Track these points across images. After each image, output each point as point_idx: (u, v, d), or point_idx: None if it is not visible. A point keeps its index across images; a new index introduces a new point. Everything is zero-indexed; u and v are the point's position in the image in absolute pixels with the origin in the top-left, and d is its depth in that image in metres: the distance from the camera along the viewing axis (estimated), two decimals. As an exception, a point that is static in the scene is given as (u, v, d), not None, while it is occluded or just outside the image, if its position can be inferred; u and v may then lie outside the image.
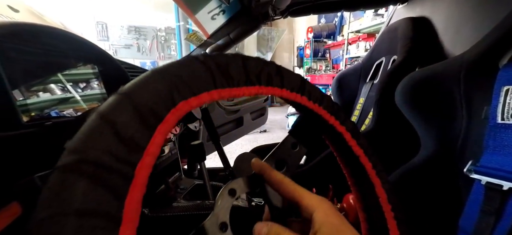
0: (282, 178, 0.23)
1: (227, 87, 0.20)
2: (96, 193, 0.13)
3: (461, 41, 0.65)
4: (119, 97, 0.16)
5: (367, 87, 0.99)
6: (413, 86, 0.53)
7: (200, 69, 0.19)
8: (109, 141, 0.14)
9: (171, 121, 0.17)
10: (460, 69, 0.46)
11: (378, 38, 1.02)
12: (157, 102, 0.16)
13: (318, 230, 0.20)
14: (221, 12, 0.89)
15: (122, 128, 0.15)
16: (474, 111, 0.44)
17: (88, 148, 0.14)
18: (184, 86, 0.18)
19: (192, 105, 0.18)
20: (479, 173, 0.40)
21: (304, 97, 0.24)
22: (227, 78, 0.20)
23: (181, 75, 0.18)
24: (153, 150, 0.16)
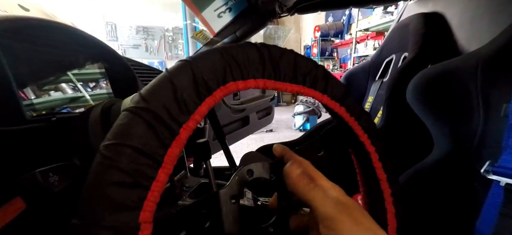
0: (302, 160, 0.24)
1: (273, 79, 0.21)
2: (150, 138, 0.16)
3: (477, 37, 0.62)
4: (183, 63, 0.18)
5: (376, 86, 0.97)
6: (426, 83, 0.51)
7: (255, 56, 0.20)
8: (167, 98, 0.17)
9: (218, 96, 0.19)
10: (477, 65, 0.44)
11: (388, 35, 0.99)
12: (211, 76, 0.18)
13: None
14: (228, 10, 0.89)
15: (179, 90, 0.17)
16: (492, 109, 0.42)
17: (152, 100, 0.17)
18: (237, 68, 0.19)
19: (239, 87, 0.20)
20: (497, 173, 0.38)
21: (342, 108, 0.25)
22: (276, 71, 0.21)
23: (237, 57, 0.19)
24: (197, 117, 0.18)
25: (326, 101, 0.24)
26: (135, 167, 0.15)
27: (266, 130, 3.36)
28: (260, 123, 1.77)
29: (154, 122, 0.16)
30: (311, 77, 0.23)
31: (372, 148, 0.26)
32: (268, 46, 0.21)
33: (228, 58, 0.19)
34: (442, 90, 0.48)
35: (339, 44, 4.59)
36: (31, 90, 0.37)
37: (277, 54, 0.21)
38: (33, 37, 0.28)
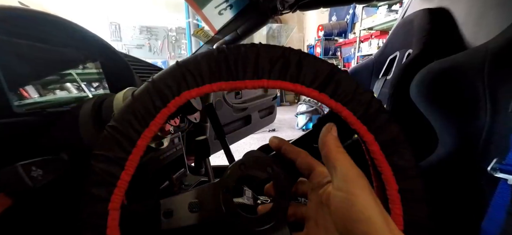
0: (300, 150, 0.25)
1: (231, 80, 0.22)
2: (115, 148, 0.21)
3: (484, 32, 0.60)
4: (146, 82, 0.22)
5: (379, 83, 0.95)
6: (431, 78, 0.49)
7: (210, 62, 0.22)
8: (129, 114, 0.21)
9: (172, 106, 0.22)
10: (484, 59, 0.42)
11: (392, 32, 0.98)
12: (165, 89, 0.21)
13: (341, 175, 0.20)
14: (229, 7, 0.88)
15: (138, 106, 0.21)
16: (500, 105, 0.40)
17: (118, 117, 0.22)
18: (191, 77, 0.21)
19: (192, 95, 0.22)
20: (505, 171, 0.36)
21: (323, 94, 0.22)
22: (233, 71, 0.22)
23: (190, 67, 0.22)
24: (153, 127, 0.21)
25: (300, 90, 0.22)
26: (106, 171, 0.21)
27: (269, 130, 3.35)
28: (262, 122, 1.76)
29: (118, 136, 0.21)
30: (278, 67, 0.22)
31: (370, 136, 0.22)
32: (227, 48, 0.22)
33: (183, 70, 0.22)
34: (448, 86, 0.46)
35: (343, 44, 4.55)
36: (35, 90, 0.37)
37: (234, 54, 0.22)
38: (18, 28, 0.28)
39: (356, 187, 0.19)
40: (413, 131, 0.70)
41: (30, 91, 0.36)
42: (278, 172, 0.25)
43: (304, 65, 0.22)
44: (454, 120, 0.46)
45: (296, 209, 0.26)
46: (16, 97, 0.28)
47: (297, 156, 0.25)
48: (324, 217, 0.22)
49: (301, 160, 0.25)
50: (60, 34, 0.32)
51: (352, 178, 0.20)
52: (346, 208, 0.19)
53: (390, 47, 0.96)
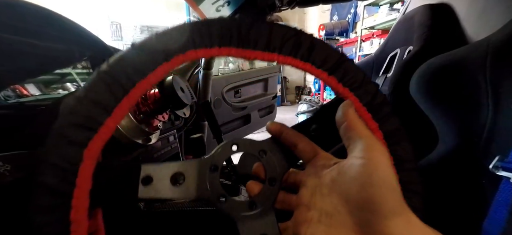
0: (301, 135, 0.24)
1: (241, 47, 0.21)
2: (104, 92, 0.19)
3: (487, 27, 0.59)
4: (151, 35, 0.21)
5: (380, 81, 0.94)
6: (431, 74, 0.48)
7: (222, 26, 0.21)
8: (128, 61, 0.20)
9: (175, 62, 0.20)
10: (486, 53, 0.41)
11: (393, 29, 0.96)
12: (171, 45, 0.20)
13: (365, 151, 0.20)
14: (226, 4, 0.87)
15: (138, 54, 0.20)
16: (502, 101, 0.39)
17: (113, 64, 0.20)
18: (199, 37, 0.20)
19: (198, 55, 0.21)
20: (507, 169, 0.35)
21: (332, 77, 0.22)
22: (244, 40, 0.21)
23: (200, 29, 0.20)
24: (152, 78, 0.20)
25: (309, 69, 0.22)
26: (88, 114, 0.19)
27: (270, 129, 3.33)
28: (262, 121, 1.75)
29: (110, 81, 0.19)
30: (290, 44, 0.21)
31: (374, 124, 0.22)
32: (240, 17, 0.21)
33: (192, 28, 0.20)
34: (448, 82, 0.45)
35: (344, 43, 4.53)
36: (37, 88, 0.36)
37: (248, 23, 0.21)
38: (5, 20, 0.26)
39: (380, 155, 0.20)
40: (414, 128, 0.68)
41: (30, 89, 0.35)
42: (271, 157, 0.24)
43: (316, 47, 0.22)
44: (455, 117, 0.45)
45: (285, 197, 0.25)
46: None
47: (300, 141, 0.24)
48: (322, 199, 0.22)
49: (305, 144, 0.24)
50: (49, 28, 0.31)
51: (375, 147, 0.20)
52: (367, 174, 0.19)
53: (391, 44, 0.94)
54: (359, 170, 0.19)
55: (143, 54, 0.20)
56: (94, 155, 0.19)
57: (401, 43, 0.88)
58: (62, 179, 0.18)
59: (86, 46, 0.34)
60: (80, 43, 0.33)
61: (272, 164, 0.25)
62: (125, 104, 0.20)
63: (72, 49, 0.33)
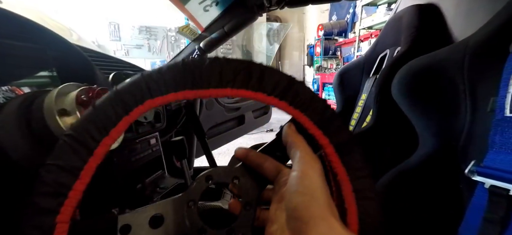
0: (266, 155, 0.26)
1: (195, 89, 0.22)
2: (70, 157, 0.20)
3: (473, 27, 0.57)
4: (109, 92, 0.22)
5: (370, 82, 0.93)
6: (412, 76, 0.47)
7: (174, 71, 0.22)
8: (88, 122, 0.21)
9: (135, 114, 0.22)
10: (464, 55, 0.40)
11: (383, 30, 0.95)
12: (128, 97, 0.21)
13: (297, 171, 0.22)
14: (214, 3, 0.86)
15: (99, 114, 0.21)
16: (479, 103, 0.38)
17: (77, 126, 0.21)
18: (155, 86, 0.22)
19: (156, 103, 0.22)
20: (482, 174, 0.34)
21: (283, 102, 0.23)
22: (197, 80, 0.22)
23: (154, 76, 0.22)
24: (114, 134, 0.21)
25: (262, 98, 0.23)
26: (57, 181, 0.20)
27: (266, 130, 3.32)
28: (257, 122, 1.74)
29: (75, 144, 0.20)
30: (242, 77, 0.23)
31: (325, 139, 0.23)
32: (192, 60, 0.23)
33: (146, 80, 0.22)
34: (428, 84, 0.44)
35: (343, 43, 4.52)
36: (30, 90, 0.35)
37: (199, 64, 0.22)
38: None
39: (309, 167, 0.22)
40: (400, 131, 0.67)
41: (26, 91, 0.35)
42: (244, 183, 0.26)
43: (265, 76, 0.23)
44: (434, 119, 0.44)
45: (260, 214, 0.26)
46: None
47: (264, 161, 0.26)
48: (281, 213, 0.23)
49: (269, 163, 0.26)
50: (7, 28, 0.30)
51: (307, 160, 0.22)
52: (296, 184, 0.21)
53: (381, 45, 0.93)
54: (292, 181, 0.22)
55: (103, 112, 0.21)
56: (66, 218, 0.20)
57: (390, 44, 0.87)
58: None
59: (48, 46, 0.33)
60: (41, 42, 0.32)
61: (246, 189, 0.26)
62: (91, 163, 0.20)
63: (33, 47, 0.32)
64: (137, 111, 0.21)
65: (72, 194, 0.20)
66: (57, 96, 0.24)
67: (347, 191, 0.23)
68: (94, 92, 0.27)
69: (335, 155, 0.23)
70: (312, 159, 0.23)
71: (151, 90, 0.21)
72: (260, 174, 0.26)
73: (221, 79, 0.22)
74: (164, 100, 0.22)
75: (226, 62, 0.23)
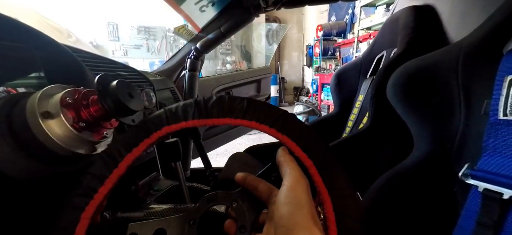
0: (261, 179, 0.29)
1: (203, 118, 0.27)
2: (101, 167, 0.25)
3: (468, 29, 0.57)
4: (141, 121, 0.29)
5: (367, 84, 0.93)
6: (405, 78, 0.47)
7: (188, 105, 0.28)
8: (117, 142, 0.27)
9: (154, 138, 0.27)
10: (458, 57, 0.39)
11: (380, 31, 0.95)
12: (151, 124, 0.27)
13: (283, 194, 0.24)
14: (210, 4, 0.86)
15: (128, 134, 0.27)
16: (473, 106, 0.38)
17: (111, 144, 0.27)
18: (172, 116, 0.28)
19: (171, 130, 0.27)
20: (476, 178, 0.34)
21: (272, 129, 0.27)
22: (205, 112, 0.27)
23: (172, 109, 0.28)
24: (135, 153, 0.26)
25: (255, 126, 0.27)
26: (88, 185, 0.25)
27: (265, 130, 3.31)
28: (255, 123, 1.72)
29: (106, 157, 0.26)
30: (240, 110, 0.27)
31: (309, 161, 0.26)
32: (203, 98, 0.28)
33: (167, 110, 0.28)
34: (422, 86, 0.44)
35: (342, 44, 4.52)
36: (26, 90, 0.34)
37: (207, 101, 0.28)
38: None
39: (296, 182, 0.24)
40: (396, 132, 0.67)
41: None
42: (241, 207, 0.28)
43: (258, 108, 0.27)
44: (428, 121, 0.44)
45: None
46: None
47: (258, 183, 0.28)
48: (271, 230, 0.25)
49: (263, 185, 0.28)
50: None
51: (295, 176, 0.25)
52: (284, 196, 0.23)
53: (378, 46, 0.93)
54: (281, 194, 0.24)
55: (131, 133, 0.27)
56: (88, 215, 0.24)
57: (387, 45, 0.87)
58: None
59: (35, 46, 0.32)
60: (27, 42, 0.31)
61: (242, 213, 0.27)
62: (115, 173, 0.25)
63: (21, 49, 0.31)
64: (156, 135, 0.27)
65: (97, 196, 0.24)
66: (40, 98, 0.23)
67: (329, 210, 0.25)
68: (80, 94, 0.26)
69: (318, 176, 0.26)
70: (300, 176, 0.25)
71: (168, 119, 0.27)
72: (257, 198, 0.28)
73: (223, 112, 0.27)
74: (177, 126, 0.27)
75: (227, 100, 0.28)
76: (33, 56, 0.32)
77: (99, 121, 0.27)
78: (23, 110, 0.23)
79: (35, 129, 0.22)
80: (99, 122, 0.27)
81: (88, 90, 0.27)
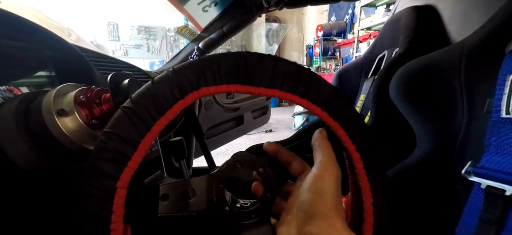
0: (295, 155, 0.28)
1: (247, 84, 0.23)
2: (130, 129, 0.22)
3: (469, 29, 0.58)
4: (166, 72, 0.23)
5: (368, 83, 0.93)
6: (408, 77, 0.47)
7: (230, 63, 0.23)
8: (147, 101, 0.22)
9: (190, 99, 0.23)
10: (461, 57, 0.40)
11: (381, 31, 0.96)
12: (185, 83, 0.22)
13: None
14: (213, 4, 0.86)
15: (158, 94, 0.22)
16: (475, 105, 0.38)
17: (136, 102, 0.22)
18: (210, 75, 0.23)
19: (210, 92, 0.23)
20: (479, 175, 0.34)
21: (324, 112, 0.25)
22: (250, 77, 0.23)
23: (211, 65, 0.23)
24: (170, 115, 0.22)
25: (306, 105, 0.24)
26: (119, 150, 0.21)
27: (266, 130, 3.32)
28: (256, 123, 1.73)
29: (134, 118, 0.22)
30: (290, 81, 0.24)
31: (357, 154, 0.25)
32: (245, 53, 0.23)
33: (203, 66, 0.23)
34: (425, 85, 0.44)
35: (342, 44, 4.53)
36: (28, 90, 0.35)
37: (253, 61, 0.23)
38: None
39: (326, 172, 0.24)
40: (398, 132, 0.68)
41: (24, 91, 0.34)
42: (269, 173, 0.28)
43: (312, 84, 0.24)
44: (431, 120, 0.44)
45: (278, 203, 0.29)
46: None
47: (293, 159, 0.28)
48: (295, 205, 0.25)
49: (297, 162, 0.28)
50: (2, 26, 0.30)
51: (326, 165, 0.24)
52: (310, 183, 0.23)
53: (379, 46, 0.94)
54: (308, 180, 0.24)
55: (161, 92, 0.22)
56: (125, 184, 0.22)
57: (388, 45, 0.87)
58: (101, 206, 0.21)
59: (46, 46, 0.33)
60: (39, 42, 0.32)
61: (269, 180, 0.28)
62: (148, 139, 0.22)
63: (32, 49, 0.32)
64: (192, 96, 0.23)
65: (131, 163, 0.22)
66: (55, 96, 0.24)
67: (368, 203, 0.26)
68: (92, 92, 0.27)
69: (362, 171, 0.25)
70: (331, 165, 0.24)
71: (206, 79, 0.23)
72: (284, 169, 0.28)
73: (272, 80, 0.24)
74: (217, 90, 0.23)
75: (279, 63, 0.24)
76: (41, 55, 0.33)
77: (110, 118, 0.27)
78: (39, 108, 0.23)
79: (50, 125, 0.23)
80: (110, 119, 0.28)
81: (99, 88, 0.28)
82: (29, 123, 0.23)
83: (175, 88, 0.22)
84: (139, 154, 0.22)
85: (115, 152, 0.21)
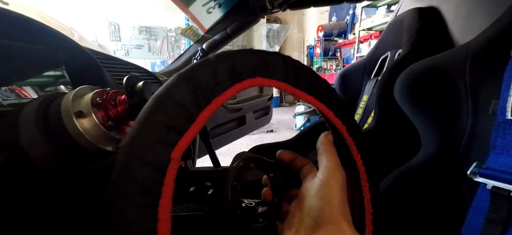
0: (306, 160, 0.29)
1: (293, 86, 0.25)
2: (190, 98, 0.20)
3: (472, 31, 0.58)
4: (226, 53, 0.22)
5: (371, 84, 0.94)
6: (413, 79, 0.48)
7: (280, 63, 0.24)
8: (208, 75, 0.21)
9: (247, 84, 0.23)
10: (466, 59, 0.41)
11: (384, 32, 0.96)
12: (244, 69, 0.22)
13: None
14: (217, 6, 0.87)
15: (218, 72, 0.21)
16: (481, 106, 0.39)
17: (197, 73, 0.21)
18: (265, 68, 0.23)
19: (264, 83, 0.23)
20: (484, 176, 0.35)
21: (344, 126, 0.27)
22: (296, 80, 0.25)
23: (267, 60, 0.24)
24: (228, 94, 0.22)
25: (330, 116, 0.26)
26: (175, 117, 0.19)
27: (267, 130, 3.33)
28: (257, 123, 1.74)
29: (196, 88, 0.20)
30: (321, 93, 0.26)
31: (363, 168, 0.28)
32: (292, 59, 0.25)
33: (260, 59, 0.23)
34: (430, 87, 0.45)
35: (342, 44, 4.53)
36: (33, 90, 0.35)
37: (299, 67, 0.25)
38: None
39: (332, 177, 0.24)
40: (402, 133, 0.68)
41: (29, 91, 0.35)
42: (278, 177, 0.29)
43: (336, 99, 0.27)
44: (436, 121, 0.45)
45: (284, 206, 0.29)
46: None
47: (305, 164, 0.29)
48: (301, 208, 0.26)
49: (307, 167, 0.28)
50: (16, 30, 0.30)
51: (332, 170, 0.25)
52: (317, 189, 0.24)
53: (382, 47, 0.94)
54: (314, 186, 0.24)
55: (222, 70, 0.21)
56: (178, 155, 0.19)
57: (391, 46, 0.88)
58: (154, 177, 0.18)
59: (58, 48, 0.34)
60: (51, 44, 0.32)
61: (278, 184, 0.29)
62: (206, 113, 0.20)
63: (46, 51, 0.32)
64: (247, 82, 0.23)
65: (187, 134, 0.19)
66: (73, 98, 0.24)
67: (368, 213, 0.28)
68: (107, 94, 0.27)
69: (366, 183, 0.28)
70: (336, 170, 0.25)
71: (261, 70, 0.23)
72: (295, 174, 0.29)
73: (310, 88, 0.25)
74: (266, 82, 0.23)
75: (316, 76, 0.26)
76: (55, 57, 0.33)
77: (126, 120, 0.28)
78: (58, 109, 0.24)
79: (69, 127, 0.23)
80: (126, 121, 0.28)
81: (114, 90, 0.28)
82: (49, 124, 0.24)
83: (235, 71, 0.22)
84: (196, 127, 0.20)
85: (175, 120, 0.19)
